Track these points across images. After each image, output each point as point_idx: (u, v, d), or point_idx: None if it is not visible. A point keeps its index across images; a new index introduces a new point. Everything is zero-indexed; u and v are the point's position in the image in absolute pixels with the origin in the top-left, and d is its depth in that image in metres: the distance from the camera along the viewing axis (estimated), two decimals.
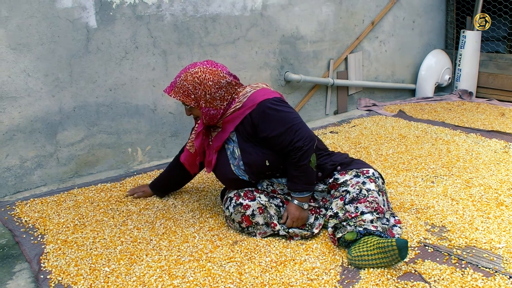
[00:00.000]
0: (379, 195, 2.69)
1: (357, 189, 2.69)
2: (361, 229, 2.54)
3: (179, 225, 3.02)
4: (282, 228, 2.80)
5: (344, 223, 2.61)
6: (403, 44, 6.27)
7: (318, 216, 2.88)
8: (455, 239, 2.70)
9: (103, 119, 3.96)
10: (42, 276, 2.53)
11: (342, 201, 2.69)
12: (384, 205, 2.71)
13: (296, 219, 2.78)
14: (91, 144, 3.94)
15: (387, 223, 2.66)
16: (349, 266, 2.51)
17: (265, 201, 2.82)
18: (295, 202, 2.78)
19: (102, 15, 3.78)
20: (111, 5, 3.81)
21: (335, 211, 2.69)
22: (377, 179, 2.78)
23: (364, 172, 2.80)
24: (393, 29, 6.09)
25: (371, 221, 2.55)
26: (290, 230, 2.79)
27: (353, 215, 2.59)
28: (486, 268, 2.43)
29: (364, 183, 2.72)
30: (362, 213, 2.58)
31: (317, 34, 5.28)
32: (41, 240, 2.90)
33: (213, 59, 4.36)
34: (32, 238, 2.93)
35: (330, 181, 2.86)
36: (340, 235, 2.60)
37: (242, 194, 2.83)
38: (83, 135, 3.89)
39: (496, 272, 2.39)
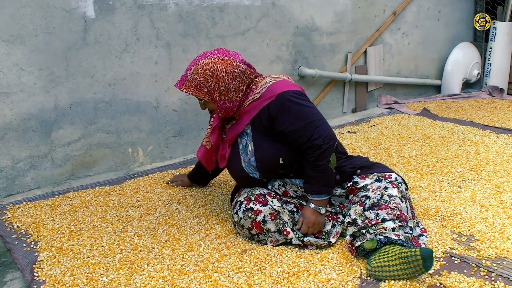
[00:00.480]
0: (402, 201, 2.68)
1: (378, 194, 2.68)
2: (381, 237, 2.53)
3: (183, 232, 3.02)
4: (296, 236, 2.79)
5: (363, 231, 2.60)
6: (427, 36, 6.25)
7: (336, 224, 2.87)
8: (484, 250, 2.68)
9: (101, 117, 3.98)
10: (35, 286, 2.54)
11: (362, 207, 2.68)
12: (407, 213, 2.69)
13: (312, 225, 2.78)
14: (88, 144, 3.96)
15: (411, 232, 2.64)
16: (368, 278, 2.50)
17: (278, 206, 2.81)
18: (312, 206, 2.77)
19: (101, 5, 3.79)
20: None
21: (353, 218, 2.69)
22: (400, 185, 2.77)
23: (386, 176, 2.80)
24: (417, 19, 6.07)
25: (393, 229, 2.54)
26: (305, 239, 2.78)
27: (373, 222, 2.58)
28: None
29: (386, 188, 2.72)
30: (383, 220, 2.57)
31: (334, 25, 5.27)
32: (34, 247, 2.91)
33: None
34: (24, 245, 2.94)
35: (349, 185, 2.86)
36: (358, 243, 2.59)
37: (253, 198, 2.83)
38: (80, 134, 3.91)
39: None
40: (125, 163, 4.18)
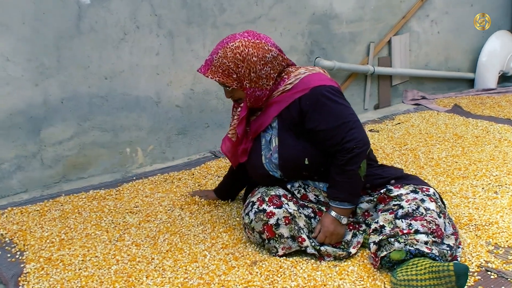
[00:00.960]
0: (440, 217, 2.64)
1: (414, 205, 2.65)
2: (412, 248, 2.48)
3: (187, 241, 3.00)
4: (312, 244, 2.76)
5: (392, 239, 2.55)
6: (459, 24, 6.21)
7: (357, 233, 2.84)
8: None
9: (96, 113, 3.97)
10: None
11: (393, 215, 2.65)
12: (444, 230, 2.66)
13: (330, 234, 2.74)
14: (82, 143, 3.95)
15: (448, 249, 2.60)
16: None
17: (293, 210, 2.78)
18: (333, 213, 2.75)
19: None
20: None
21: (381, 224, 2.65)
22: (437, 200, 2.75)
23: (424, 189, 2.78)
24: (447, 5, 6.03)
25: (425, 243, 2.50)
26: (322, 248, 2.75)
27: (404, 231, 2.54)
28: None
29: (423, 200, 2.69)
30: (416, 231, 2.53)
31: (355, 12, 5.24)
32: (20, 258, 2.89)
33: None
34: (9, 255, 2.93)
35: (382, 191, 2.83)
36: (384, 253, 2.55)
37: (266, 199, 2.81)
38: (73, 132, 3.90)
39: None
40: (123, 164, 4.17)
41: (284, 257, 2.78)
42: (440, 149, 4.26)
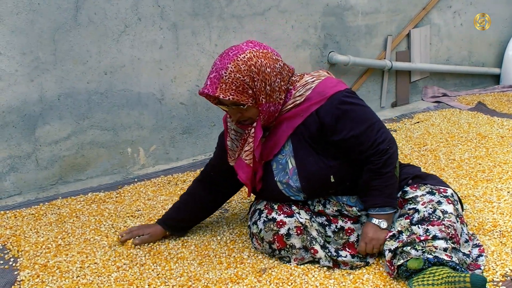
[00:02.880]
0: (457, 221, 2.64)
1: (430, 208, 2.65)
2: (430, 256, 2.48)
3: (191, 247, 3.01)
4: (329, 255, 2.74)
5: (408, 247, 2.55)
6: None
7: None
8: None
9: (95, 111, 3.98)
10: None
11: (408, 220, 2.65)
12: (461, 235, 2.66)
13: (370, 240, 2.72)
14: (80, 143, 3.97)
15: (465, 257, 2.60)
16: None
17: (305, 219, 2.78)
18: (373, 220, 2.73)
19: None
20: None
21: (398, 229, 2.65)
22: (455, 202, 2.75)
23: (441, 190, 2.77)
24: None
25: (445, 250, 2.50)
26: (339, 259, 2.75)
27: (422, 238, 2.54)
28: None
29: (439, 202, 2.68)
30: (434, 237, 2.52)
31: (371, 3, 5.24)
32: (14, 264, 2.90)
33: (236, 35, 4.38)
34: (1, 262, 2.94)
35: (398, 195, 2.83)
36: (401, 261, 2.55)
37: (276, 207, 2.81)
38: (70, 130, 3.91)
39: None
40: (123, 165, 4.18)
41: (295, 264, 2.78)
42: (463, 150, 4.25)
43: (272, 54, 2.63)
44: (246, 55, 2.55)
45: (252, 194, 3.00)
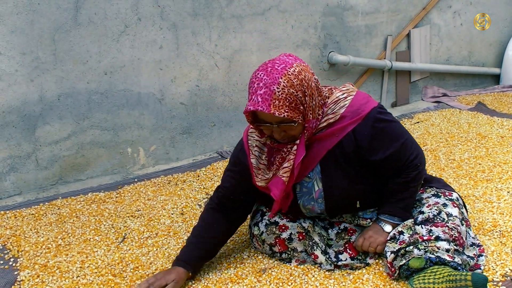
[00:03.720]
0: (462, 224, 2.64)
1: (435, 210, 2.65)
2: (432, 256, 2.47)
3: None
4: (329, 260, 2.74)
5: (411, 247, 2.55)
6: None
7: None
8: None
9: (95, 111, 3.98)
10: None
11: (412, 220, 2.66)
12: (466, 239, 2.66)
13: (369, 237, 2.72)
14: (80, 143, 3.97)
15: (469, 259, 2.60)
16: None
17: (308, 224, 2.78)
18: (378, 222, 2.74)
19: None
20: None
21: (399, 230, 2.65)
22: (460, 206, 2.75)
23: (447, 193, 2.77)
24: None
25: (447, 251, 2.50)
26: (339, 263, 2.74)
27: (424, 238, 2.54)
28: None
29: (445, 205, 2.68)
30: (437, 238, 2.52)
31: (372, 3, 5.23)
32: (14, 264, 2.91)
33: (236, 34, 4.38)
34: (1, 262, 2.94)
35: None
36: (403, 262, 2.54)
37: None
38: (70, 130, 3.91)
39: None
40: (123, 165, 4.18)
41: (295, 264, 2.79)
42: (463, 150, 4.25)
43: (308, 67, 2.49)
44: (295, 68, 2.39)
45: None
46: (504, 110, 5.32)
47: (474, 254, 2.68)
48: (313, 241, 2.76)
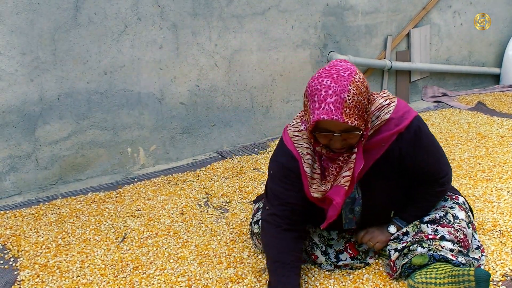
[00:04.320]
0: (469, 227, 2.65)
1: (442, 211, 2.65)
2: (436, 254, 2.48)
3: (191, 247, 3.01)
4: (329, 261, 2.74)
5: (415, 245, 2.54)
6: None
7: None
8: None
9: (95, 111, 3.98)
10: None
11: (417, 219, 2.65)
12: (471, 242, 2.66)
13: (371, 232, 2.72)
14: (80, 143, 3.96)
15: (474, 260, 2.60)
16: None
17: (308, 225, 2.78)
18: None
19: None
20: None
21: (404, 231, 2.64)
22: (467, 210, 2.74)
23: (454, 197, 2.78)
24: None
25: (451, 251, 2.50)
26: (339, 263, 2.73)
27: (429, 237, 2.54)
28: None
29: (452, 208, 2.69)
30: (442, 238, 2.53)
31: (371, 3, 5.23)
32: (14, 264, 2.91)
33: (236, 34, 4.38)
34: (1, 262, 2.94)
35: None
36: (406, 260, 2.54)
37: None
38: (70, 130, 3.91)
39: None
40: (123, 165, 4.18)
41: None
42: (462, 150, 4.25)
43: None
44: (359, 75, 2.31)
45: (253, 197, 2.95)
46: (504, 109, 5.31)
47: (479, 257, 2.69)
48: (313, 241, 2.75)
